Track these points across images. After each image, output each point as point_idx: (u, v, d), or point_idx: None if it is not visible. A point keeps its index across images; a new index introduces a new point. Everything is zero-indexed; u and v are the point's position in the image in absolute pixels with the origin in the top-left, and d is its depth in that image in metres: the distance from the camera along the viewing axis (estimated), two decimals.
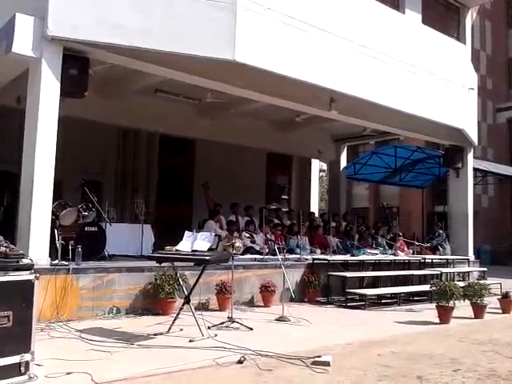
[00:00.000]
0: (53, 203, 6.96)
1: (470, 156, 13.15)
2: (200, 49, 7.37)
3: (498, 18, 26.96)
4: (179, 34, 7.33)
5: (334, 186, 17.37)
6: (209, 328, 5.94)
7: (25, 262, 3.96)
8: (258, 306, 8.19)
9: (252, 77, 8.29)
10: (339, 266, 9.50)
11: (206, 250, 5.99)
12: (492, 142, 25.55)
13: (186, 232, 6.25)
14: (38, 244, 6.50)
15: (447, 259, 12.20)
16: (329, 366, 4.61)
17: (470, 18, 13.17)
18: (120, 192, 13.10)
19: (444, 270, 11.29)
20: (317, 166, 18.15)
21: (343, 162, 17.00)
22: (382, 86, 9.95)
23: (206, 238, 6.15)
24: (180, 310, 6.05)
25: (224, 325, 6.25)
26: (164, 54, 7.30)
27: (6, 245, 3.99)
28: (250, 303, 8.28)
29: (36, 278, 3.91)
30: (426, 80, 10.92)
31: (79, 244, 6.99)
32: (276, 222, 11.84)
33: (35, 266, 4.05)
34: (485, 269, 12.40)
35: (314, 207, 17.15)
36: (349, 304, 8.70)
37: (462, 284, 8.30)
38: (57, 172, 6.86)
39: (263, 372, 4.40)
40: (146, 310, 7.04)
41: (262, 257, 9.26)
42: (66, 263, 6.68)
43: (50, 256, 6.67)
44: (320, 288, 9.11)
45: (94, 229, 8.06)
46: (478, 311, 7.91)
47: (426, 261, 11.36)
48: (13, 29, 6.56)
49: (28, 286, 3.86)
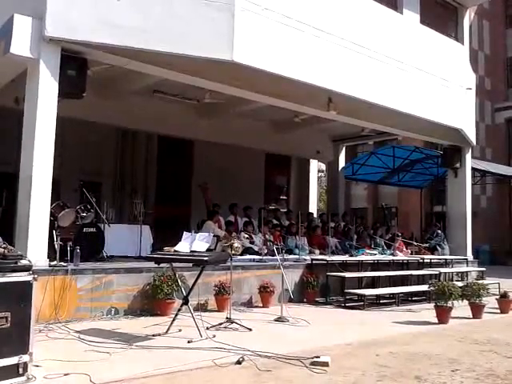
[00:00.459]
0: (51, 204, 6.95)
1: (468, 156, 13.17)
2: (198, 49, 7.38)
3: (497, 17, 26.95)
4: (177, 34, 7.33)
5: (332, 186, 17.37)
6: (207, 329, 5.94)
7: (23, 262, 3.96)
8: (257, 307, 8.19)
9: (250, 77, 8.30)
10: (338, 267, 9.50)
11: (204, 250, 5.97)
12: (490, 142, 25.54)
13: (185, 233, 6.24)
14: (36, 245, 6.48)
15: (446, 259, 12.21)
16: (327, 366, 4.61)
17: (468, 18, 13.17)
18: (118, 193, 13.09)
19: (442, 270, 11.31)
20: (315, 167, 18.16)
21: (342, 163, 17.02)
22: (380, 86, 9.97)
23: (204, 238, 6.13)
24: (179, 310, 6.06)
25: (223, 325, 6.24)
26: (162, 54, 7.30)
27: (4, 246, 4.00)
28: (249, 304, 8.27)
29: (34, 279, 3.91)
30: (425, 80, 10.94)
31: (78, 245, 6.99)
32: (275, 222, 11.85)
33: (33, 267, 4.05)
34: (483, 269, 12.43)
35: (313, 207, 17.15)
36: (347, 304, 8.71)
37: (460, 284, 8.30)
38: (55, 173, 6.86)
39: (262, 373, 4.40)
40: (145, 311, 7.04)
41: (260, 257, 9.27)
42: (65, 264, 6.68)
43: (49, 257, 6.66)
44: (319, 288, 9.12)
45: (92, 230, 8.07)
46: (477, 311, 7.92)
47: (425, 261, 11.35)
48: (11, 29, 6.56)
49: (26, 287, 3.86)
